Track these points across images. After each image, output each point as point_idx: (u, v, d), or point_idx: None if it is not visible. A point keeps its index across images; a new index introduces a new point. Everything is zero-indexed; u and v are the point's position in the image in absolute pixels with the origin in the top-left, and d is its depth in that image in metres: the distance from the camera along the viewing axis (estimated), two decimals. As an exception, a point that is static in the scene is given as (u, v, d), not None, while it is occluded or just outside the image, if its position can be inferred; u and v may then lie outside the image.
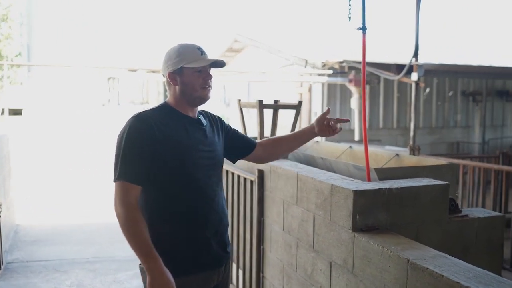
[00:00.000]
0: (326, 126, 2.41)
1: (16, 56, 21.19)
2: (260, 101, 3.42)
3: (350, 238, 2.36)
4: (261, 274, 3.51)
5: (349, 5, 3.94)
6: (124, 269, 4.90)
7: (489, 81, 12.04)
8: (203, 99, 2.17)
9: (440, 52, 11.03)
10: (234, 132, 2.49)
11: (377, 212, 2.40)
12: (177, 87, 2.14)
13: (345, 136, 10.13)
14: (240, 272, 3.90)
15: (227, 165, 4.05)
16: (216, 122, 2.37)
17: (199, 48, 2.15)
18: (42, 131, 19.43)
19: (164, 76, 2.18)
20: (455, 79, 11.64)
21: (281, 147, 2.55)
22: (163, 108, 2.16)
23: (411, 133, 7.16)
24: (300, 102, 3.55)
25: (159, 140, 2.02)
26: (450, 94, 11.70)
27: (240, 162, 3.86)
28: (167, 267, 1.95)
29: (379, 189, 2.40)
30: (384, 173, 2.78)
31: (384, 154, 3.77)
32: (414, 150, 6.80)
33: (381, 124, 10.90)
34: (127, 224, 1.94)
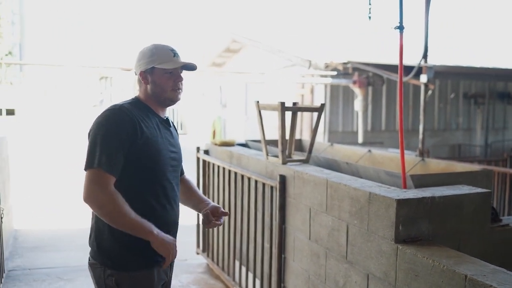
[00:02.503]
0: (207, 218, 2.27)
1: (7, 55, 20.88)
2: (282, 103, 3.26)
3: (392, 250, 2.21)
4: (282, 284, 3.36)
5: (369, 4, 3.81)
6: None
7: (491, 83, 11.97)
8: (173, 101, 2.17)
9: (439, 53, 10.91)
10: None
11: (420, 222, 2.26)
12: (148, 86, 2.14)
13: (348, 138, 10.01)
14: (257, 281, 3.74)
15: (243, 170, 3.90)
16: (174, 126, 2.36)
17: (172, 50, 2.15)
18: (35, 131, 19.17)
19: (136, 74, 2.18)
20: (456, 81, 11.56)
21: (185, 199, 2.42)
22: (137, 103, 2.14)
23: (420, 136, 7.04)
24: (322, 105, 3.40)
25: (137, 135, 2.00)
26: (452, 96, 11.62)
27: (258, 165, 3.73)
28: (127, 261, 2.00)
29: (422, 197, 2.26)
30: (420, 180, 2.64)
31: (408, 159, 3.63)
32: (423, 153, 6.67)
33: (383, 126, 10.79)
34: (116, 209, 1.91)
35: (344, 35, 13.87)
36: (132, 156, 1.99)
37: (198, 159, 5.00)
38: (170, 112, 20.69)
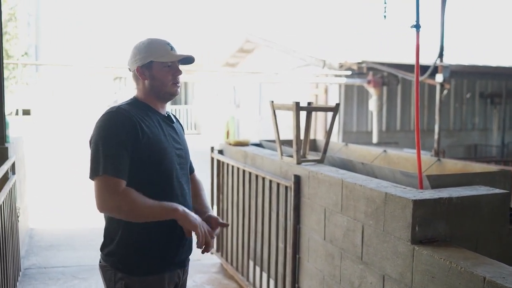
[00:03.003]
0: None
1: (23, 55, 21.09)
2: (297, 103, 3.25)
3: (408, 250, 2.18)
4: (296, 285, 3.34)
5: (385, 3, 3.78)
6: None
7: (508, 83, 11.82)
8: (172, 95, 2.13)
9: (455, 52, 10.80)
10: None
11: (436, 223, 2.23)
12: (146, 81, 2.09)
13: (363, 138, 9.96)
14: (272, 281, 3.73)
15: (258, 170, 3.89)
16: (179, 121, 2.33)
17: (169, 43, 2.11)
18: (51, 131, 19.36)
19: (131, 71, 2.13)
20: (473, 80, 11.43)
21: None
22: (136, 103, 2.09)
23: (435, 136, 6.97)
24: (337, 105, 3.38)
25: (139, 137, 1.96)
26: (468, 96, 11.50)
27: (272, 165, 3.71)
28: (137, 265, 1.97)
29: (439, 198, 2.23)
30: (437, 180, 2.61)
31: (424, 159, 3.59)
32: (439, 154, 6.60)
33: (398, 126, 10.71)
34: (133, 208, 1.87)
35: (358, 35, 13.80)
36: (136, 157, 1.95)
37: (212, 159, 5.00)
38: (184, 112, 20.76)
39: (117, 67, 10.65)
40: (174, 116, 2.28)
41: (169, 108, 2.27)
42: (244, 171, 4.21)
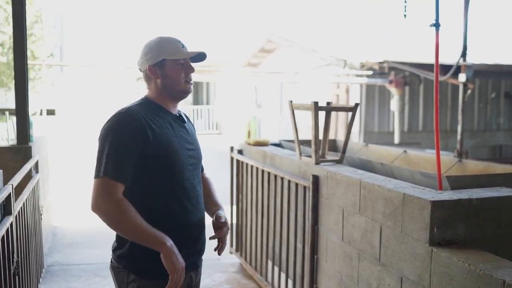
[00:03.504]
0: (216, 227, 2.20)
1: (48, 57, 21.45)
2: (316, 103, 3.24)
3: (427, 252, 2.16)
4: (314, 286, 3.33)
5: (405, 1, 3.74)
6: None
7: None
8: (186, 93, 2.09)
9: (479, 51, 10.61)
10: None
11: (455, 225, 2.19)
12: (158, 80, 2.05)
13: (384, 139, 9.86)
14: (290, 282, 3.73)
15: (277, 170, 3.89)
16: (190, 121, 2.29)
17: (179, 41, 2.08)
18: (75, 131, 19.64)
19: (141, 71, 2.09)
20: (498, 80, 11.23)
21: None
22: (147, 104, 2.06)
23: (458, 136, 6.87)
24: (356, 104, 3.36)
25: (149, 138, 1.93)
26: (492, 96, 11.30)
27: (291, 165, 3.71)
28: (149, 269, 1.94)
29: (458, 199, 2.20)
30: (457, 182, 2.58)
31: (444, 160, 3.55)
32: (461, 155, 6.51)
33: (420, 127, 10.58)
34: (123, 218, 1.84)
35: (379, 34, 13.68)
36: (146, 159, 1.92)
37: (232, 159, 5.01)
38: (205, 112, 20.86)
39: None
40: (186, 116, 2.25)
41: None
42: (263, 171, 4.21)
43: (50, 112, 18.37)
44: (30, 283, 3.60)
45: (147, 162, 1.93)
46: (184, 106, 20.29)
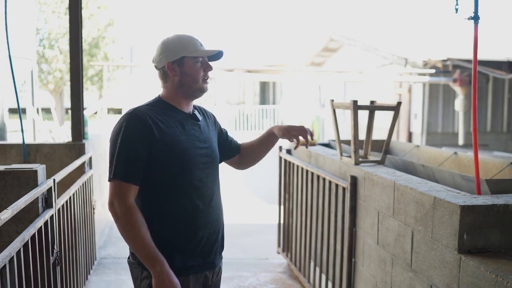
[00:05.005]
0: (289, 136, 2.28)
1: (121, 58, 22.34)
2: (355, 102, 3.15)
3: (455, 260, 2.04)
4: (351, 289, 3.24)
5: (457, -5, 3.56)
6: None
7: None
8: (202, 91, 2.08)
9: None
10: (225, 132, 2.38)
11: (488, 231, 2.05)
12: (176, 78, 2.04)
13: (448, 140, 9.46)
14: (330, 284, 3.65)
15: (319, 170, 3.83)
16: (210, 118, 2.27)
17: (197, 39, 2.08)
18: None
19: (157, 68, 2.08)
20: None
21: (252, 153, 2.40)
22: (158, 103, 2.07)
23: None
24: (399, 103, 3.23)
25: (156, 138, 1.93)
26: None
27: (333, 166, 3.63)
28: None
29: (492, 205, 2.06)
30: (497, 185, 2.41)
31: (495, 162, 3.35)
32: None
33: (489, 128, 10.04)
34: (129, 226, 1.87)
35: (443, 31, 13.13)
36: (155, 159, 1.94)
37: (280, 158, 4.99)
38: (271, 112, 20.91)
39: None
40: (204, 110, 2.24)
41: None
42: (307, 171, 4.16)
43: (117, 111, 19.11)
44: (77, 274, 3.75)
45: (156, 161, 1.95)
46: (251, 106, 20.45)
